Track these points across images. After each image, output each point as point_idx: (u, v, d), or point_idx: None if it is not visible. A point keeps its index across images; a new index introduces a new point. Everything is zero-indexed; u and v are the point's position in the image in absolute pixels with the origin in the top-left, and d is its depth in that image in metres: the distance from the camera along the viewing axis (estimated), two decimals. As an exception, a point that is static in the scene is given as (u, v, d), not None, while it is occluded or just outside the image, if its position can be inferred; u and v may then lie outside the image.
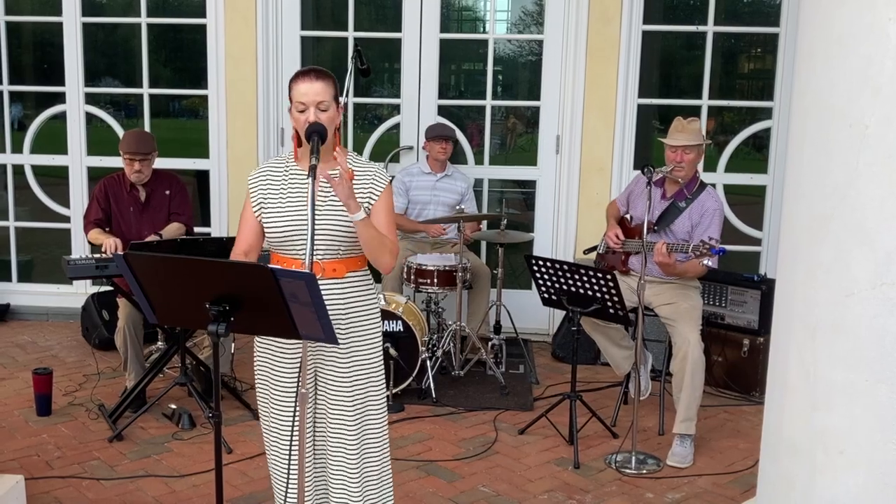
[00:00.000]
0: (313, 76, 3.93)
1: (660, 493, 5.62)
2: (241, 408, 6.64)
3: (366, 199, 3.99)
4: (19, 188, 9.23)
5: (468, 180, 8.21)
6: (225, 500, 4.15)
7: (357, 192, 3.90)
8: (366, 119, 9.66)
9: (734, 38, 9.14)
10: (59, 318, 9.06)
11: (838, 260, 3.42)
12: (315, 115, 3.86)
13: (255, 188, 4.07)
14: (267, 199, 4.03)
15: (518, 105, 9.55)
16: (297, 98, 3.90)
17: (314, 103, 3.87)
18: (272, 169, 4.10)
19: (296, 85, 3.93)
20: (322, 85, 3.91)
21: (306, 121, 3.85)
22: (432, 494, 5.51)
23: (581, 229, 8.48)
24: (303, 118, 3.87)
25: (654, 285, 6.23)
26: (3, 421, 6.37)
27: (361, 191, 3.99)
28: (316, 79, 3.92)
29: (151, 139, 6.97)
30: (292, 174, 4.05)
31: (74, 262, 6.28)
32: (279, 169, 4.09)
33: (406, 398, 6.93)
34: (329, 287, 3.89)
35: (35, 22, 9.54)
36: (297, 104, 3.90)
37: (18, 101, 9.53)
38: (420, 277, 7.35)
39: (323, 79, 3.93)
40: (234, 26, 8.56)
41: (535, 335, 8.70)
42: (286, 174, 4.06)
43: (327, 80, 3.94)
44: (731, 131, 8.71)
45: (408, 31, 8.58)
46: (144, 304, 3.63)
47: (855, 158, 3.33)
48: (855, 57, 3.32)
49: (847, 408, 3.48)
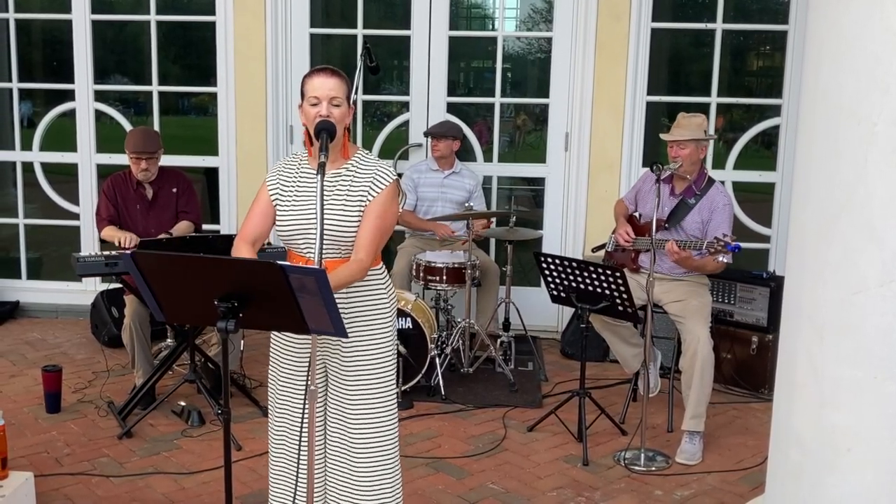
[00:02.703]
0: (329, 72, 3.96)
1: (669, 490, 5.61)
2: (251, 405, 6.65)
3: (364, 195, 3.98)
4: (28, 185, 9.25)
5: (476, 178, 8.21)
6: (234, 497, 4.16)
7: (357, 188, 3.90)
8: (375, 116, 9.66)
9: (743, 35, 9.13)
10: (69, 315, 9.07)
11: (846, 258, 3.43)
12: (327, 110, 3.86)
13: (274, 182, 4.11)
14: (282, 197, 4.06)
15: (527, 102, 9.56)
16: (310, 92, 3.92)
17: (327, 98, 3.88)
18: (286, 168, 4.14)
19: (310, 80, 3.95)
20: (336, 81, 3.93)
21: (317, 115, 3.85)
22: (441, 491, 5.51)
23: (590, 226, 8.47)
24: (314, 112, 3.88)
25: (664, 282, 6.23)
26: (12, 418, 6.37)
27: (361, 186, 3.99)
28: (331, 75, 3.94)
29: (157, 137, 6.99)
30: (303, 172, 4.07)
31: (84, 259, 6.29)
32: (292, 167, 4.12)
33: (415, 395, 6.94)
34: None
35: (45, 19, 9.56)
36: (310, 98, 3.91)
37: (28, 99, 9.55)
38: (429, 275, 7.36)
39: (338, 76, 3.95)
40: (243, 24, 8.57)
41: (544, 332, 8.69)
42: (298, 173, 4.08)
43: (342, 79, 3.95)
44: (739, 129, 8.70)
45: (417, 28, 8.58)
46: (152, 302, 3.64)
47: (863, 157, 3.33)
48: (863, 55, 3.32)
49: (855, 405, 3.49)
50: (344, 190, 3.95)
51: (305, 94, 3.95)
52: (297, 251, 4.03)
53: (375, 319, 4.11)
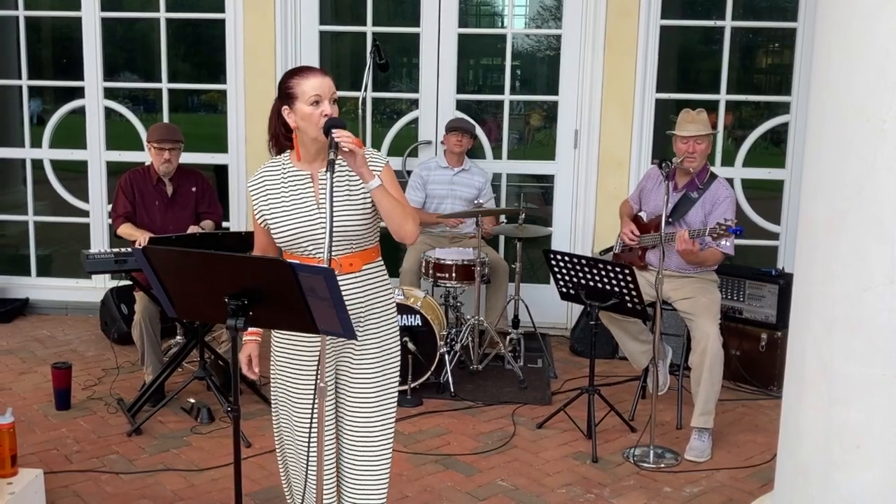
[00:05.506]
0: (322, 71, 3.89)
1: (678, 486, 5.62)
2: (260, 402, 6.65)
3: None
4: (38, 183, 9.26)
5: (486, 175, 8.20)
6: (244, 494, 4.16)
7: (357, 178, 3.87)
8: (384, 114, 9.68)
9: (752, 32, 9.14)
10: (78, 312, 9.09)
11: (855, 255, 3.43)
12: (330, 108, 3.83)
13: (257, 196, 4.01)
14: (269, 205, 3.96)
15: (536, 100, 9.56)
16: (310, 91, 3.81)
17: (329, 96, 3.85)
18: (269, 173, 4.02)
19: (304, 80, 3.83)
20: (330, 80, 3.89)
21: (322, 114, 3.80)
22: (450, 488, 5.52)
23: (599, 224, 8.47)
24: (317, 111, 3.82)
25: (673, 280, 6.23)
26: (22, 415, 6.39)
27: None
28: (325, 74, 3.89)
29: (179, 130, 7.03)
30: (290, 175, 3.98)
31: (93, 256, 6.30)
32: (276, 172, 4.01)
33: (424, 392, 6.95)
34: (347, 282, 3.88)
35: (54, 17, 9.61)
36: (309, 97, 3.80)
37: (38, 96, 9.58)
38: (438, 272, 7.37)
39: (329, 75, 3.91)
40: (252, 21, 8.57)
41: (553, 329, 8.70)
42: (284, 176, 3.99)
43: (331, 77, 3.92)
44: (748, 126, 8.70)
45: (426, 25, 8.58)
46: (164, 298, 3.64)
47: (872, 154, 3.33)
48: (872, 52, 3.32)
49: (863, 402, 3.48)
50: (344, 183, 3.92)
51: (300, 94, 3.82)
52: (304, 254, 3.95)
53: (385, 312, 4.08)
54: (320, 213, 3.84)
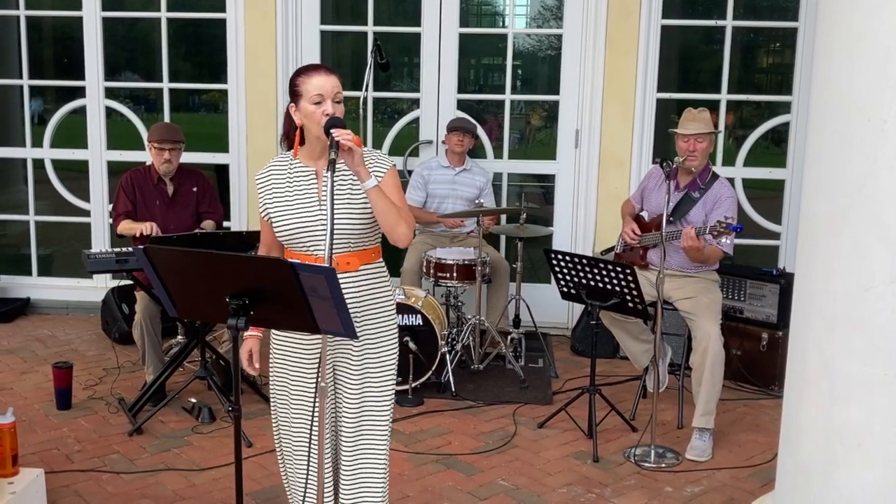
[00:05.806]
0: (326, 70, 3.91)
1: (679, 486, 5.62)
2: (261, 401, 6.64)
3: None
4: (39, 182, 9.26)
5: (487, 175, 8.20)
6: (245, 494, 4.16)
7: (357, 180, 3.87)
8: (385, 113, 9.68)
9: (753, 32, 9.13)
10: (79, 312, 9.09)
11: (856, 254, 3.43)
12: (332, 107, 3.84)
13: (263, 189, 4.04)
14: (274, 199, 3.99)
15: (537, 99, 9.56)
16: (313, 90, 3.85)
17: (331, 95, 3.86)
18: (276, 168, 4.06)
19: (308, 78, 3.87)
20: (336, 79, 3.89)
21: (324, 113, 3.82)
22: (451, 488, 5.52)
23: (600, 223, 8.47)
24: (319, 111, 3.84)
25: (674, 279, 6.23)
26: (23, 415, 6.39)
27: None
28: (330, 72, 3.90)
29: (180, 130, 7.04)
30: (296, 171, 4.01)
31: (94, 255, 6.29)
32: (283, 168, 4.05)
33: (425, 392, 6.94)
34: (344, 281, 3.87)
35: (55, 17, 9.60)
36: (312, 97, 3.84)
37: (39, 96, 9.58)
38: (439, 271, 7.37)
39: (335, 74, 3.92)
40: (253, 21, 8.57)
41: (555, 329, 8.70)
42: (290, 172, 4.02)
43: (338, 76, 3.93)
44: (749, 126, 8.70)
45: (427, 25, 8.58)
46: (165, 297, 3.65)
47: (873, 153, 3.33)
48: (873, 51, 3.32)
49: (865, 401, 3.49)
50: (346, 182, 3.93)
51: (304, 93, 3.87)
52: (304, 251, 3.97)
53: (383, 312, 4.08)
54: (321, 210, 3.84)
